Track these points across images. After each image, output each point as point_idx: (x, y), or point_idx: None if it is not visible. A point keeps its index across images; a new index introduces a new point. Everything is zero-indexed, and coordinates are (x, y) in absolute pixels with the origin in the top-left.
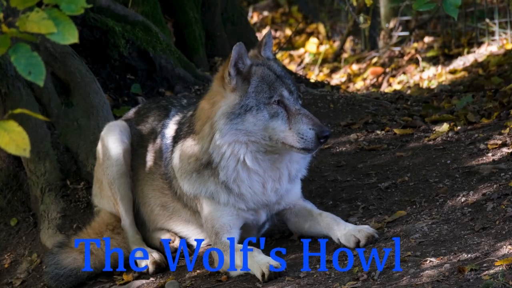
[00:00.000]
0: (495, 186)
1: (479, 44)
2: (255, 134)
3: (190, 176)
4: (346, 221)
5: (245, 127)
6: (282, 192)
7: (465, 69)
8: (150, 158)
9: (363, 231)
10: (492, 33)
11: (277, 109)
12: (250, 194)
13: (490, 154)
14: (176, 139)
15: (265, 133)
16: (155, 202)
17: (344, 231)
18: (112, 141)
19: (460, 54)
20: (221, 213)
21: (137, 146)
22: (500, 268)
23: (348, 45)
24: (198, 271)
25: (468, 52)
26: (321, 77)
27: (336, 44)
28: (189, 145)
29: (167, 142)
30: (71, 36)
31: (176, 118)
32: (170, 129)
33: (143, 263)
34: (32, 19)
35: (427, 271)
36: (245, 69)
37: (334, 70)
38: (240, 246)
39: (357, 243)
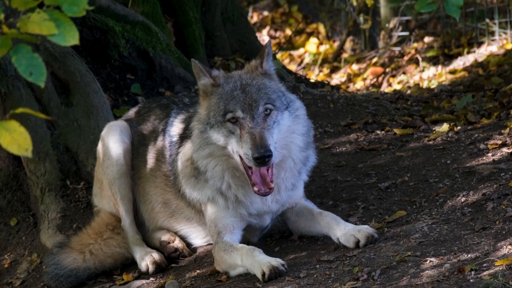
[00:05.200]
0: (495, 186)
1: (479, 44)
2: (224, 149)
3: (189, 180)
4: (346, 221)
5: (214, 141)
6: (283, 200)
7: (465, 69)
8: (152, 156)
9: (363, 231)
10: (492, 33)
11: (232, 127)
12: (250, 202)
13: (490, 154)
14: (183, 137)
15: (230, 146)
16: (157, 199)
17: (343, 231)
18: (113, 141)
19: (460, 54)
20: (225, 214)
21: (138, 144)
22: (500, 268)
23: (348, 45)
24: (198, 271)
25: (468, 52)
26: (321, 77)
27: (336, 44)
28: (188, 148)
29: (173, 140)
30: (72, 38)
31: (182, 116)
32: (176, 127)
33: (143, 263)
34: (33, 20)
35: (427, 271)
36: (207, 87)
37: (334, 70)
38: (241, 245)
39: (357, 243)
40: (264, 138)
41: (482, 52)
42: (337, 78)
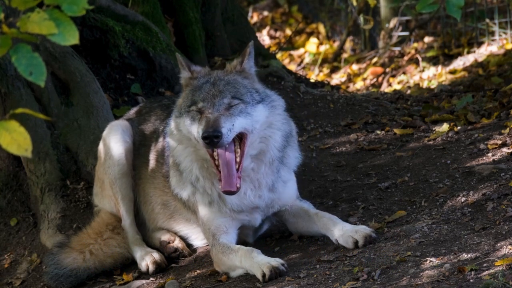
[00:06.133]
0: (495, 186)
1: (479, 44)
2: (190, 140)
3: (175, 174)
4: (346, 221)
5: (181, 128)
6: (267, 199)
7: (465, 69)
8: (152, 157)
9: (360, 231)
10: (492, 33)
11: (194, 115)
12: (220, 196)
13: (490, 154)
14: None
15: (192, 135)
16: (156, 200)
17: (341, 231)
18: (114, 141)
19: (460, 54)
20: (215, 214)
21: (139, 145)
22: (500, 268)
23: (348, 45)
24: (198, 271)
25: (468, 52)
26: (321, 77)
27: (336, 44)
28: None
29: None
30: (72, 37)
31: None
32: None
33: (143, 263)
34: (33, 19)
35: (427, 271)
36: (186, 80)
37: (334, 70)
38: (238, 247)
39: (356, 243)
40: (218, 121)
41: (482, 52)
42: (337, 78)
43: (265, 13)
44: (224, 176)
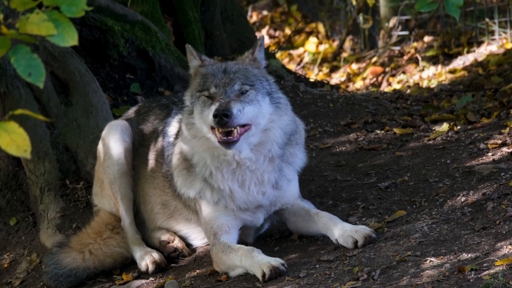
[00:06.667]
0: (495, 186)
1: (479, 43)
2: (203, 129)
3: (182, 173)
4: (346, 221)
5: (195, 121)
6: (271, 197)
7: (465, 68)
8: (151, 157)
9: (360, 231)
10: (492, 33)
11: (205, 100)
12: (231, 190)
13: (490, 154)
14: (178, 136)
15: (205, 126)
16: (156, 200)
17: (341, 231)
18: (114, 141)
19: (460, 53)
20: (218, 213)
21: (138, 145)
22: (500, 268)
23: (347, 44)
24: (198, 271)
25: (468, 52)
26: (320, 76)
27: (336, 43)
28: (181, 143)
29: (169, 140)
30: (71, 39)
31: (179, 116)
32: (173, 127)
33: (143, 263)
34: (32, 20)
35: (427, 271)
36: (196, 68)
37: (333, 70)
38: (239, 246)
39: (355, 243)
40: (229, 104)
41: (482, 52)
42: (337, 78)
43: (265, 12)
44: (223, 131)
